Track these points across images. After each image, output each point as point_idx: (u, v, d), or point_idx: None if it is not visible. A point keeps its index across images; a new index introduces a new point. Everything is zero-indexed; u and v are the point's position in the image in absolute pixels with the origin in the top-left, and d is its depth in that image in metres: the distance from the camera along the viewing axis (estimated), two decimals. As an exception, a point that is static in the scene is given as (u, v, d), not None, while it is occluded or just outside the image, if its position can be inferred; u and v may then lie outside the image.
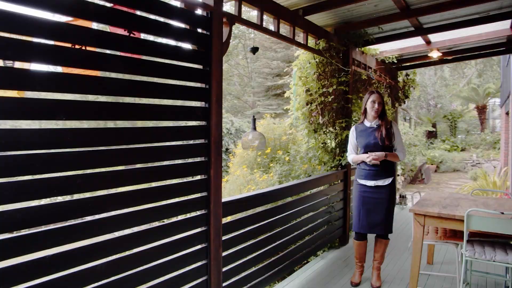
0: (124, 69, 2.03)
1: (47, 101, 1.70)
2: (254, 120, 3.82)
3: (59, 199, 1.98)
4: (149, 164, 2.26)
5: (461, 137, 20.10)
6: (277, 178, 5.63)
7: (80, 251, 1.89)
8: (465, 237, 3.32)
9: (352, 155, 3.90)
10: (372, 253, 4.10)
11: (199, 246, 2.60)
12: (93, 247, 1.94)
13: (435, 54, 6.03)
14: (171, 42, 2.32)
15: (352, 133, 3.88)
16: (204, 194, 2.62)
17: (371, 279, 3.98)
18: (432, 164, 16.87)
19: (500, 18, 4.51)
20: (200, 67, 2.54)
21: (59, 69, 1.80)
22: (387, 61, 6.59)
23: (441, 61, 6.70)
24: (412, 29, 4.99)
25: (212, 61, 2.56)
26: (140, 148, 2.19)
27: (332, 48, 4.58)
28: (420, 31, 4.97)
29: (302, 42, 4.11)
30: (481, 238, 3.61)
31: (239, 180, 6.05)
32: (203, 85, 2.57)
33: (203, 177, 2.61)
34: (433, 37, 5.54)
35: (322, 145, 5.11)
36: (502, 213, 3.17)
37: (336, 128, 4.98)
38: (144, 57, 2.14)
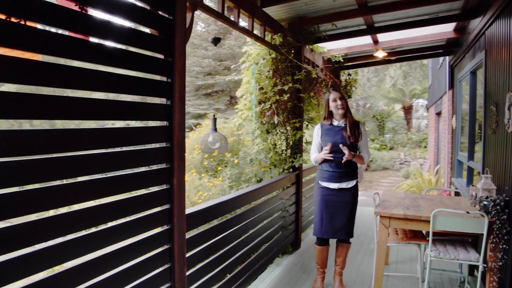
0: (73, 54, 1.57)
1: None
2: (214, 120, 3.43)
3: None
4: (99, 176, 1.80)
5: (389, 136, 21.23)
6: (228, 182, 5.26)
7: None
8: (431, 238, 3.28)
9: (314, 154, 3.71)
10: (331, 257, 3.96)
11: (161, 268, 2.19)
12: (39, 285, 1.48)
13: (380, 54, 6.09)
14: (128, 24, 1.90)
15: (317, 131, 3.69)
16: (166, 206, 2.22)
17: (334, 284, 3.84)
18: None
19: (448, 20, 4.62)
20: (161, 56, 2.14)
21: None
22: (333, 60, 6.55)
23: (383, 61, 6.81)
24: (364, 27, 4.94)
25: (175, 50, 2.17)
26: (91, 156, 1.73)
27: (287, 44, 4.36)
28: (372, 29, 4.94)
29: (259, 36, 3.83)
30: (439, 237, 3.60)
31: (185, 185, 5.56)
32: (165, 79, 2.18)
33: (165, 187, 2.22)
34: (381, 37, 5.57)
35: (273, 146, 4.88)
36: (468, 212, 3.17)
37: (287, 128, 4.77)
38: (96, 41, 1.70)
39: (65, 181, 1.59)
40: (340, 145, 3.39)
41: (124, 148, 1.90)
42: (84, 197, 1.70)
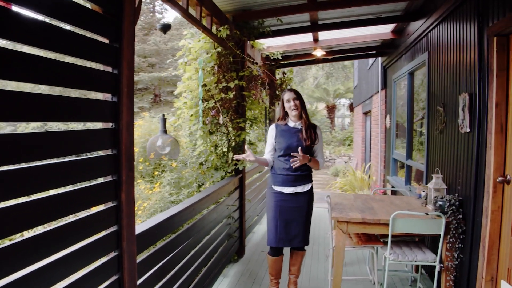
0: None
1: None
2: (164, 120, 2.96)
3: None
4: (23, 200, 1.31)
5: (314, 134, 21.81)
6: (169, 189, 4.77)
7: None
8: (389, 241, 3.19)
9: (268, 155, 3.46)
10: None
11: (109, 307, 1.76)
12: None
13: (319, 53, 6.03)
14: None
15: (271, 132, 3.42)
16: (114, 228, 1.78)
17: (288, 294, 3.60)
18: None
19: (390, 21, 4.65)
20: (106, 40, 1.69)
21: None
22: (271, 57, 6.36)
23: (320, 60, 6.79)
24: (308, 24, 4.79)
25: (124, 34, 1.73)
26: (13, 171, 1.25)
27: (232, 38, 4.04)
28: (316, 27, 4.81)
29: (207, 27, 3.46)
30: (392, 239, 3.55)
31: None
32: (110, 69, 1.73)
33: (111, 204, 1.77)
34: (322, 35, 5.49)
35: (214, 148, 4.52)
36: (427, 213, 3.12)
37: (229, 129, 4.45)
38: (18, 9, 1.23)
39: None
40: (298, 151, 3.14)
41: (56, 160, 1.43)
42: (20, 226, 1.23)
